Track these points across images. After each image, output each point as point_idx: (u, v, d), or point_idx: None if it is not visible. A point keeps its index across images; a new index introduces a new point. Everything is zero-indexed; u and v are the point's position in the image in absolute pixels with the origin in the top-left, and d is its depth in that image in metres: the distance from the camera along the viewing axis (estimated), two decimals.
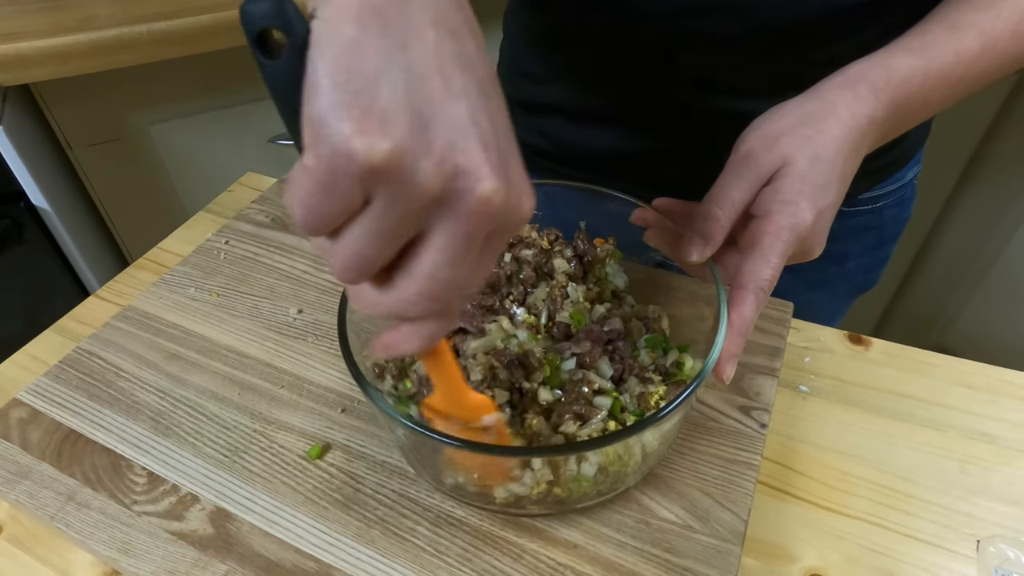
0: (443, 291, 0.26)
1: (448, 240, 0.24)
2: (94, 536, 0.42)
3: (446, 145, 0.23)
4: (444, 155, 0.23)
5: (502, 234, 0.26)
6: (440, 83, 0.23)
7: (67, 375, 0.52)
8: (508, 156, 0.25)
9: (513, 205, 0.25)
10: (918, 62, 0.43)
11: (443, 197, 0.23)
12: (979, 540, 0.44)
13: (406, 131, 0.22)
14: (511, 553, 0.41)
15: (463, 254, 0.25)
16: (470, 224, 0.24)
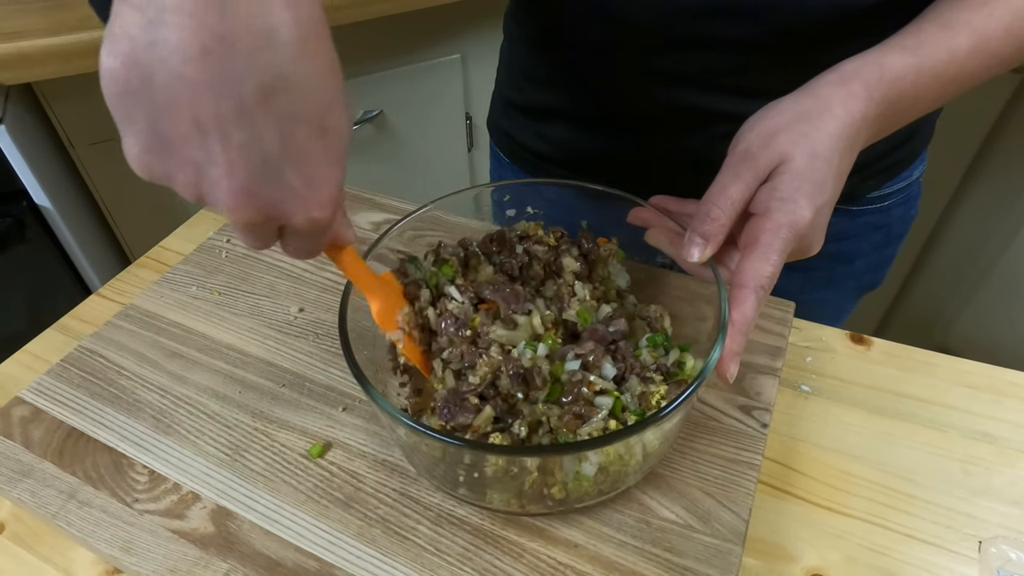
0: (250, 247, 0.32)
1: (231, 225, 0.30)
2: (95, 534, 0.42)
3: (195, 173, 0.27)
4: (193, 182, 0.27)
5: (297, 235, 0.31)
6: (187, 116, 0.25)
7: (69, 373, 0.52)
8: (264, 183, 0.27)
9: (278, 217, 0.29)
10: (911, 60, 0.43)
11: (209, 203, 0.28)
12: (981, 541, 0.44)
13: (156, 160, 0.28)
14: (512, 552, 0.41)
15: (240, 236, 0.31)
16: (234, 224, 0.29)
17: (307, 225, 0.29)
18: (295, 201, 0.28)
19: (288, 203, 0.28)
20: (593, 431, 0.39)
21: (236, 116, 0.25)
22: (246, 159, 0.26)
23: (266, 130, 0.26)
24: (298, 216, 0.29)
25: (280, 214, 0.29)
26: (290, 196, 0.28)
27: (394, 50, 1.15)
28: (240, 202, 0.27)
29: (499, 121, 0.74)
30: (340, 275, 0.61)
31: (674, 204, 0.49)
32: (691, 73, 0.55)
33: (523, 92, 0.68)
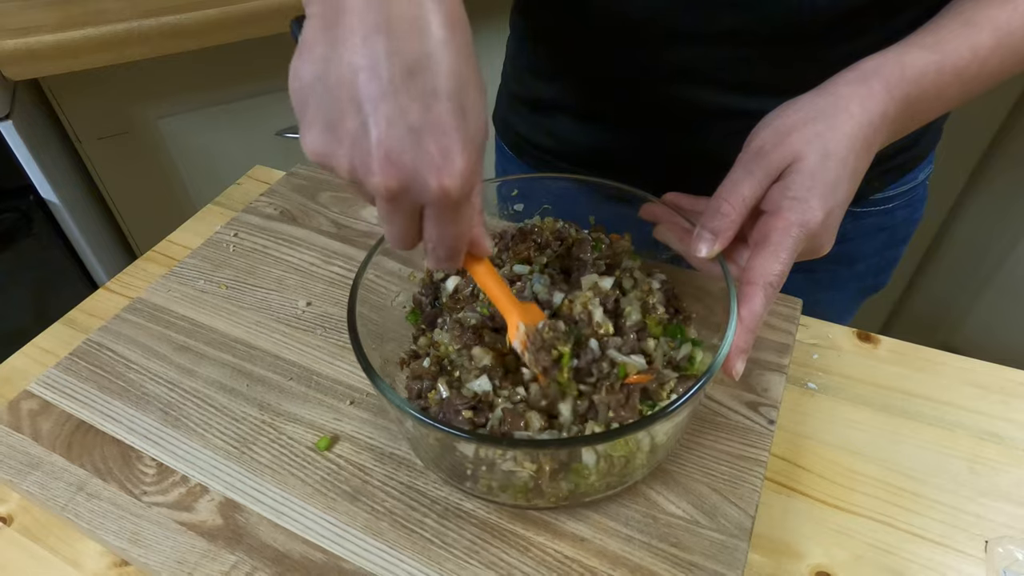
0: (392, 239, 0.34)
1: (378, 205, 0.33)
2: (104, 526, 0.43)
3: (349, 145, 0.30)
4: (347, 154, 0.30)
5: (433, 207, 0.32)
6: (347, 95, 0.29)
7: (77, 367, 0.52)
8: (406, 148, 0.29)
9: (416, 189, 0.30)
10: (932, 57, 0.42)
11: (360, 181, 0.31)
12: (987, 541, 0.43)
13: (320, 138, 0.30)
14: (518, 546, 0.41)
15: (388, 218, 0.33)
16: (379, 201, 0.32)
17: (440, 195, 0.30)
18: (431, 168, 0.30)
19: (425, 169, 0.30)
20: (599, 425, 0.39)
21: (386, 92, 0.28)
22: (393, 128, 0.29)
23: (411, 104, 0.29)
24: (432, 182, 0.30)
25: (418, 181, 0.30)
26: (427, 163, 0.30)
27: None
28: (385, 167, 0.29)
29: (504, 115, 0.74)
30: (347, 269, 0.61)
31: (686, 201, 0.49)
32: (696, 68, 0.55)
33: (528, 86, 0.68)
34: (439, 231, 0.33)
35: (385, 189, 0.30)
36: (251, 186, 0.75)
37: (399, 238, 0.34)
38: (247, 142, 1.14)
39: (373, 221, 0.66)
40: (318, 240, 0.64)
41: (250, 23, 0.97)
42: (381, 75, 0.28)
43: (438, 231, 0.33)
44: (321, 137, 0.30)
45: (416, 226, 0.34)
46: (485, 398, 0.40)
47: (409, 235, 0.34)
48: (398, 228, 0.33)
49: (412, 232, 0.34)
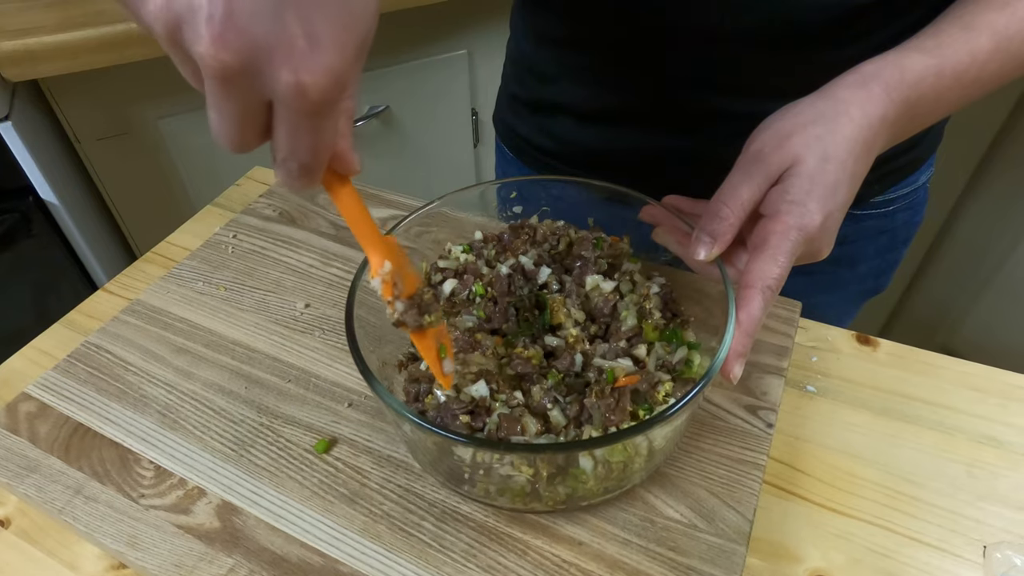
0: (219, 134, 0.26)
1: (206, 85, 0.25)
2: (101, 529, 0.43)
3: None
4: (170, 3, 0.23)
5: (283, 105, 0.25)
6: None
7: (75, 369, 0.52)
8: (260, 14, 0.23)
9: (266, 71, 0.24)
10: (932, 61, 0.42)
11: (180, 47, 0.24)
12: (986, 546, 0.43)
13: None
14: (516, 549, 0.41)
15: (217, 104, 0.25)
16: (207, 79, 0.24)
17: (294, 92, 0.24)
18: (288, 52, 0.23)
19: (279, 51, 0.23)
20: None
21: None
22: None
23: None
24: (285, 72, 0.23)
25: (267, 66, 0.23)
26: (284, 44, 0.23)
27: (401, 46, 1.15)
28: (224, 35, 0.22)
29: (504, 117, 0.74)
30: (346, 271, 0.61)
31: (686, 204, 0.49)
32: (698, 71, 0.55)
33: (528, 88, 0.68)
34: (291, 139, 0.26)
35: (217, 64, 0.23)
36: (250, 187, 0.75)
37: (227, 134, 0.26)
38: None
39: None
40: (317, 242, 0.64)
41: None
42: None
43: (289, 139, 0.26)
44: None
45: (256, 123, 0.26)
46: (482, 403, 0.40)
47: (243, 133, 0.26)
48: (227, 120, 0.26)
49: (248, 130, 0.26)
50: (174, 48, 0.24)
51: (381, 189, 0.70)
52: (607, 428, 0.40)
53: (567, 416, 0.40)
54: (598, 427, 0.40)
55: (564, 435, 0.40)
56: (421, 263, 0.51)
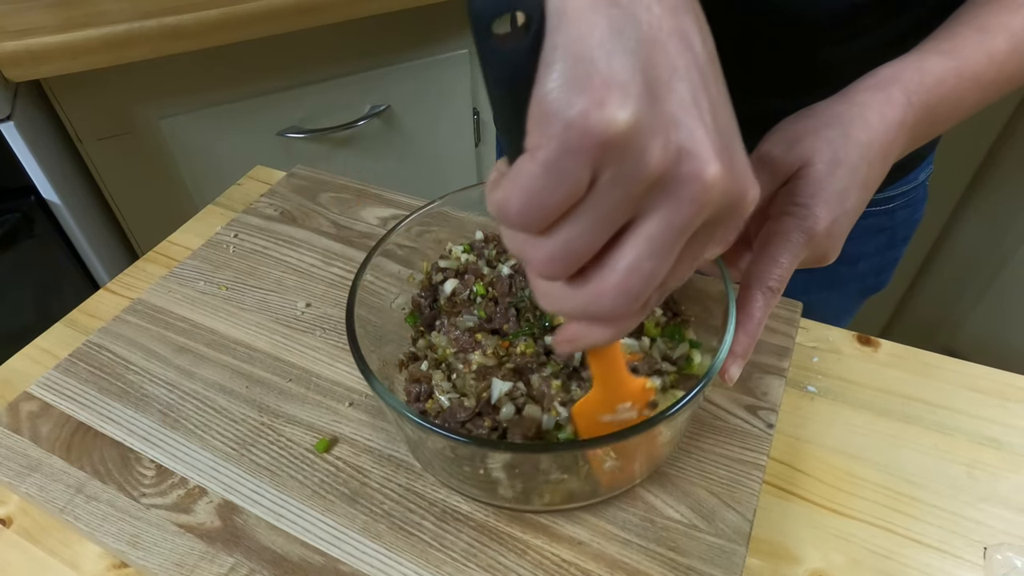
0: (641, 285, 0.24)
1: (662, 228, 0.23)
2: (103, 528, 0.43)
3: (672, 123, 0.22)
4: (671, 134, 0.22)
5: (716, 225, 0.25)
6: (666, 58, 0.22)
7: (77, 368, 0.52)
8: (730, 140, 0.23)
9: (736, 193, 0.23)
10: (951, 63, 0.42)
11: (664, 180, 0.22)
12: (986, 548, 0.43)
13: (642, 102, 0.21)
14: (516, 549, 0.41)
15: (672, 244, 0.23)
16: (690, 210, 0.23)
17: (750, 208, 0.25)
18: (749, 173, 0.24)
19: (749, 173, 0.24)
20: None
21: (699, 67, 0.23)
22: (719, 112, 0.23)
23: (720, 91, 0.24)
24: (751, 193, 0.24)
25: (741, 184, 0.24)
26: (748, 165, 0.25)
27: (402, 45, 1.15)
28: (723, 154, 0.23)
29: None
30: (347, 270, 0.61)
31: None
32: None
33: None
34: (697, 259, 0.26)
35: (717, 187, 0.22)
36: (252, 186, 0.75)
37: (660, 273, 0.24)
38: (248, 142, 1.15)
39: (373, 222, 0.66)
40: (318, 241, 0.64)
41: (250, 24, 0.97)
42: (690, 46, 0.23)
43: (697, 259, 0.26)
44: (644, 103, 0.21)
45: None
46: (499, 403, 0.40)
47: (666, 270, 0.25)
48: (673, 256, 0.24)
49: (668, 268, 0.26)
50: (651, 186, 0.22)
51: (383, 188, 0.70)
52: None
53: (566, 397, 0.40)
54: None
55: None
56: (422, 262, 0.51)
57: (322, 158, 1.21)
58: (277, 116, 1.14)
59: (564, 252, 0.23)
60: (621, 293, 0.24)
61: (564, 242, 0.23)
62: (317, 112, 1.15)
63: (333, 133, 1.17)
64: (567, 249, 0.23)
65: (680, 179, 0.22)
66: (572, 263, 0.24)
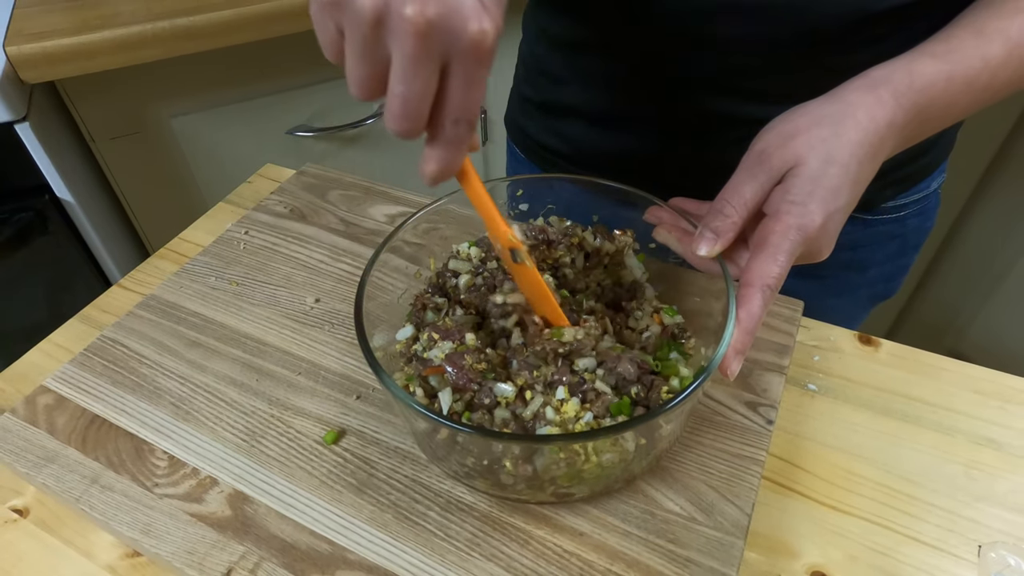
0: (401, 106, 0.30)
1: (397, 58, 0.29)
2: (117, 518, 0.44)
3: None
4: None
5: (459, 58, 0.30)
6: None
7: (91, 362, 0.54)
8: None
9: (452, 27, 0.29)
10: (943, 66, 0.42)
11: (384, 23, 0.29)
12: (980, 545, 0.44)
13: None
14: (518, 539, 0.42)
15: (411, 70, 0.29)
16: (408, 42, 0.29)
17: (477, 40, 0.29)
18: (471, 8, 0.29)
19: (464, 8, 0.29)
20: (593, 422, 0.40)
21: None
22: None
23: None
24: (472, 23, 0.29)
25: (456, 19, 0.29)
26: (467, 3, 0.29)
27: None
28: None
29: (516, 118, 0.75)
30: (355, 266, 0.62)
31: (691, 205, 0.49)
32: (708, 75, 0.55)
33: (540, 89, 0.69)
34: (465, 93, 0.31)
35: (422, 19, 0.28)
36: (262, 184, 0.76)
37: (416, 100, 0.30)
38: (258, 141, 1.16)
39: (381, 219, 0.67)
40: (327, 238, 0.65)
41: (260, 25, 0.98)
42: None
43: (464, 93, 0.31)
44: None
45: (432, 89, 0.31)
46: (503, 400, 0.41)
47: (426, 98, 0.31)
48: (419, 84, 0.30)
49: (429, 95, 0.31)
50: (377, 28, 0.29)
51: (390, 186, 0.71)
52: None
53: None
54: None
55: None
56: (429, 259, 0.52)
57: (331, 156, 1.22)
58: (287, 115, 1.15)
59: (351, 78, 0.31)
60: (392, 114, 0.31)
61: (348, 69, 0.31)
62: (326, 111, 1.16)
63: (342, 131, 1.18)
64: (352, 75, 0.31)
65: (392, 20, 0.29)
66: (361, 88, 0.31)
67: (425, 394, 0.43)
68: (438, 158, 0.33)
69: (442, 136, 0.32)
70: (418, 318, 0.48)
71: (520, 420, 0.40)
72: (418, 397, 0.42)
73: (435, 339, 0.44)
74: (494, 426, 0.40)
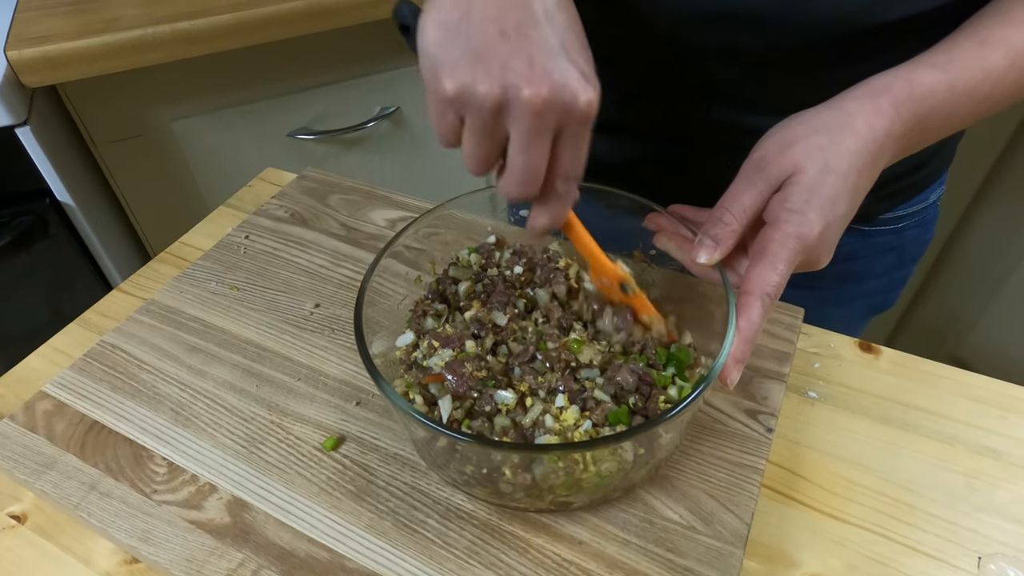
0: (521, 174, 0.35)
1: (517, 135, 0.34)
2: (115, 525, 0.44)
3: (499, 69, 0.33)
4: (497, 77, 0.33)
5: (568, 124, 0.34)
6: (494, 29, 0.33)
7: (91, 368, 0.54)
8: (552, 66, 0.33)
9: (564, 100, 0.33)
10: (943, 76, 0.42)
11: (504, 106, 0.33)
12: (980, 557, 0.44)
13: (466, 71, 0.33)
14: (517, 547, 0.42)
15: (529, 143, 0.34)
16: (526, 120, 0.33)
17: (586, 108, 0.33)
18: (578, 82, 0.33)
19: (572, 83, 0.33)
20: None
21: (531, 22, 0.33)
22: (542, 48, 0.33)
23: (551, 33, 0.33)
24: (581, 96, 0.33)
25: (567, 94, 0.33)
26: (574, 78, 0.33)
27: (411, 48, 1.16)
28: (539, 78, 0.32)
29: None
30: (355, 272, 0.62)
31: (691, 212, 0.49)
32: (706, 84, 0.55)
33: None
34: (574, 153, 0.35)
35: (539, 99, 0.32)
36: (262, 188, 0.76)
37: (535, 168, 0.35)
38: (259, 144, 1.16)
39: (382, 224, 0.67)
40: (327, 243, 0.65)
41: (261, 28, 0.98)
42: (523, 9, 0.33)
43: (573, 154, 0.35)
44: (468, 70, 0.33)
45: (547, 157, 0.35)
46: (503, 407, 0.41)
47: (542, 165, 0.35)
48: (536, 154, 0.34)
49: (544, 162, 0.35)
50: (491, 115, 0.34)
51: (391, 191, 0.71)
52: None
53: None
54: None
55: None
56: (429, 264, 0.52)
57: (332, 159, 1.22)
58: (287, 118, 1.15)
59: (468, 157, 0.36)
60: (512, 180, 0.36)
61: (465, 152, 0.36)
62: (327, 114, 1.17)
63: (343, 135, 1.18)
64: (469, 155, 0.36)
65: (510, 102, 0.33)
66: (477, 164, 0.36)
67: (424, 402, 0.43)
68: (549, 213, 0.38)
69: (552, 194, 0.37)
70: (418, 324, 0.48)
71: (520, 428, 0.40)
72: (417, 405, 0.42)
73: (435, 346, 0.44)
74: (494, 434, 0.40)
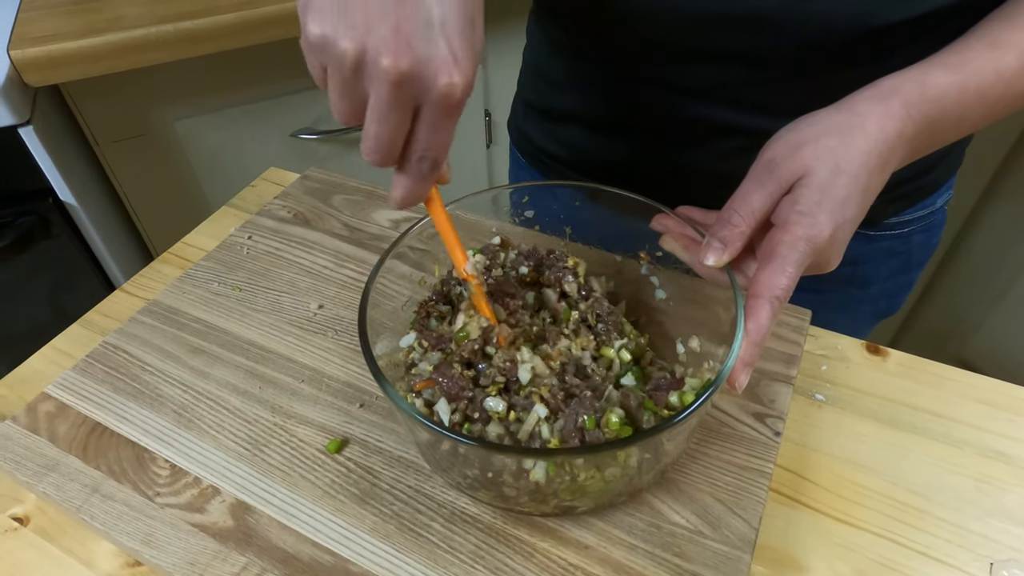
0: (374, 142, 0.34)
1: (373, 100, 0.33)
2: (118, 527, 0.44)
3: (365, 30, 0.31)
4: (362, 38, 0.31)
5: (432, 106, 0.33)
6: None
7: (93, 369, 0.53)
8: (419, 38, 0.31)
9: (425, 76, 0.31)
10: (955, 78, 0.42)
11: (363, 68, 0.32)
12: (992, 563, 0.43)
13: (330, 17, 0.31)
14: (523, 552, 0.41)
15: (384, 112, 0.32)
16: (382, 88, 0.32)
17: (446, 91, 0.32)
18: (443, 62, 0.31)
19: (436, 62, 0.31)
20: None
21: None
22: (411, 18, 0.31)
23: (430, 2, 0.31)
24: (441, 77, 0.31)
25: (427, 72, 0.31)
26: (439, 57, 0.31)
27: None
28: (400, 48, 0.31)
29: (518, 122, 0.75)
30: (359, 272, 0.61)
31: (698, 214, 0.49)
32: (707, 85, 0.55)
33: (541, 94, 0.69)
34: (431, 136, 0.34)
35: (396, 71, 0.31)
36: (265, 188, 0.76)
37: (388, 138, 0.33)
38: (262, 144, 1.16)
39: (385, 224, 0.67)
40: (331, 243, 0.65)
41: (264, 28, 0.98)
42: None
43: (430, 136, 0.34)
44: (332, 19, 0.31)
45: (404, 129, 0.34)
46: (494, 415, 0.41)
47: (398, 137, 0.34)
48: (391, 125, 0.33)
49: (400, 134, 0.34)
50: (352, 73, 0.32)
51: None
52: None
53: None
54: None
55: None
56: (433, 265, 0.52)
57: (335, 158, 1.22)
58: (290, 117, 1.15)
59: (334, 108, 0.35)
60: (366, 148, 0.34)
61: (331, 101, 0.34)
62: (330, 113, 1.16)
63: (346, 134, 1.18)
64: (333, 106, 0.34)
65: (369, 66, 0.32)
66: (343, 118, 0.35)
67: (426, 404, 0.42)
68: (403, 187, 0.37)
69: (408, 169, 0.36)
70: (422, 325, 0.48)
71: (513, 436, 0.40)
72: (419, 407, 0.42)
73: (425, 347, 0.44)
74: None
